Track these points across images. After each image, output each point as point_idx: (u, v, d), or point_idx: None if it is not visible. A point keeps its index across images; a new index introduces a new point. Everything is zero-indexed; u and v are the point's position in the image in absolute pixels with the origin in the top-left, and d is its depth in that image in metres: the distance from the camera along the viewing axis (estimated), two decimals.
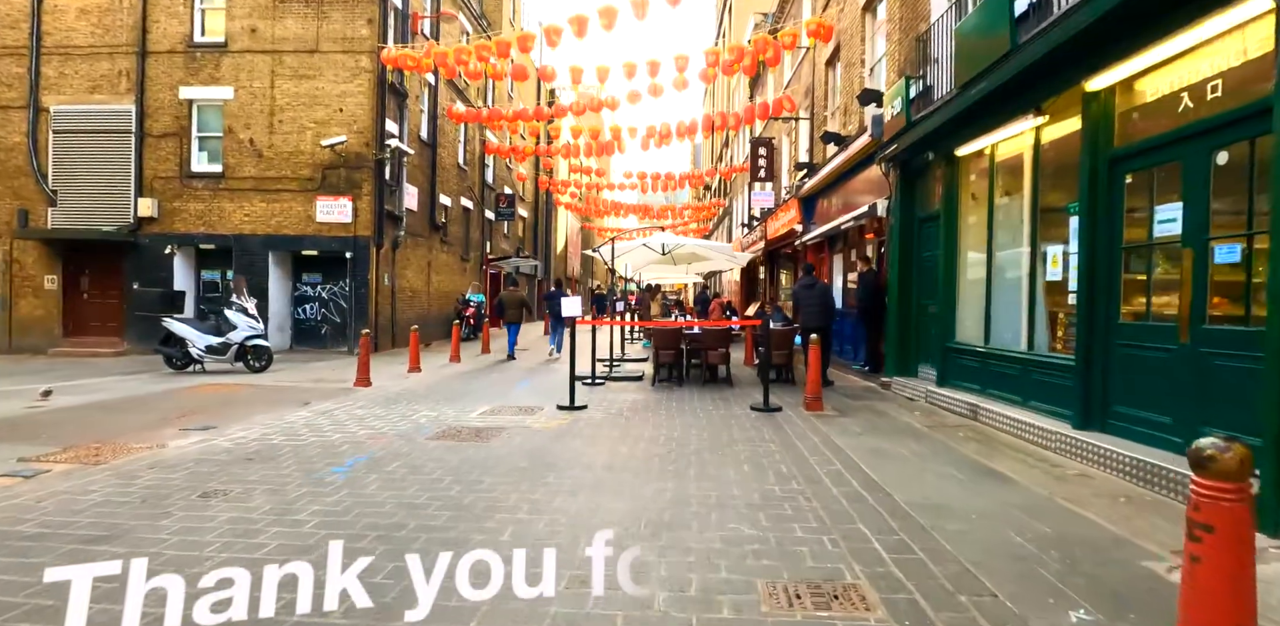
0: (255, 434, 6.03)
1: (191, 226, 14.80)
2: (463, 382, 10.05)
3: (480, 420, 6.84)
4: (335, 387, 9.32)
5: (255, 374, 10.88)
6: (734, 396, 8.59)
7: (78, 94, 15.11)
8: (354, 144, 14.46)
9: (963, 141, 7.23)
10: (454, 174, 20.34)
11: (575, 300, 7.88)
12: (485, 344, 15.79)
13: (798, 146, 17.14)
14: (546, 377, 10.51)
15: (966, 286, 7.66)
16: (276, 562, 1.99)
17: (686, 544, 3.36)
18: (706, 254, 12.65)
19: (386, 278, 15.32)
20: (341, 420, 6.75)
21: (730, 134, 31.79)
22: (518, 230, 29.68)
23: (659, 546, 3.33)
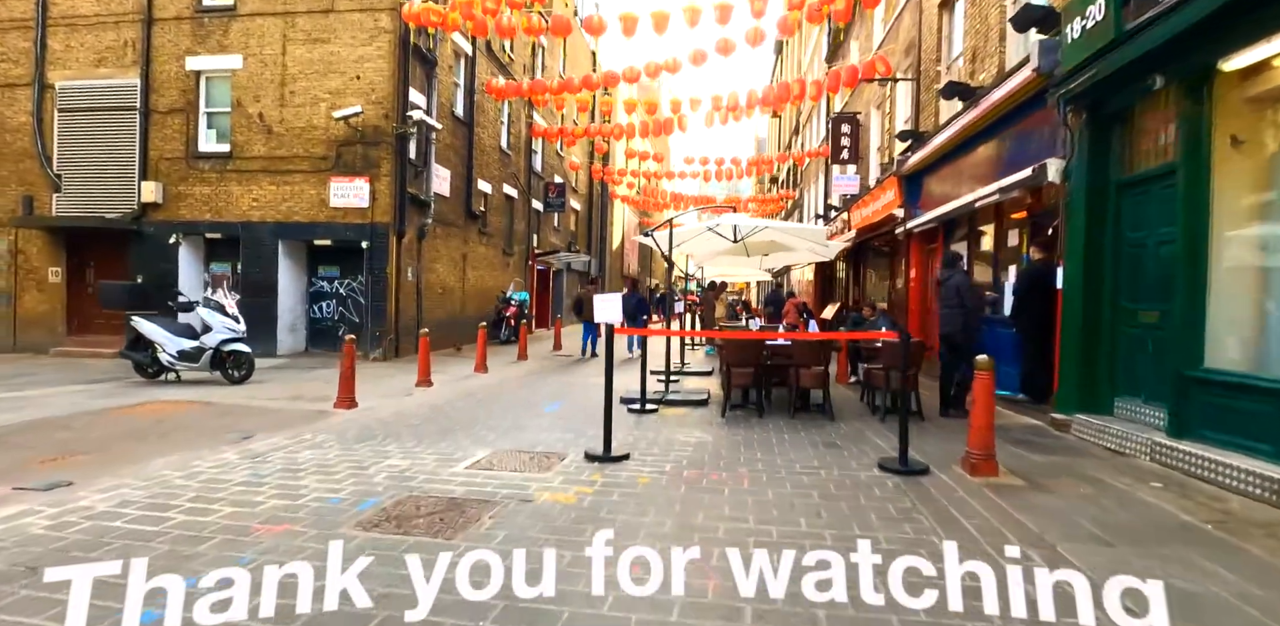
0: (106, 503, 3.86)
1: (197, 213, 13.15)
2: (477, 403, 7.81)
3: (465, 480, 4.51)
4: (307, 410, 7.21)
5: (234, 385, 8.95)
6: (843, 438, 6.01)
7: (83, 68, 13.70)
8: (371, 116, 12.49)
9: (1239, 45, 4.46)
10: (495, 158, 18.29)
11: (613, 298, 5.49)
12: (522, 349, 13.60)
13: (893, 118, 14.30)
14: (585, 395, 8.17)
15: (1226, 281, 4.88)
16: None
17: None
18: (789, 242, 10.03)
19: (410, 271, 13.32)
20: (262, 475, 4.53)
21: (800, 121, 28.86)
22: (569, 223, 27.58)
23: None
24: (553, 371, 11.75)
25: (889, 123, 14.56)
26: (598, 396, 5.35)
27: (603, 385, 5.24)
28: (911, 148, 11.73)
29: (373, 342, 12.42)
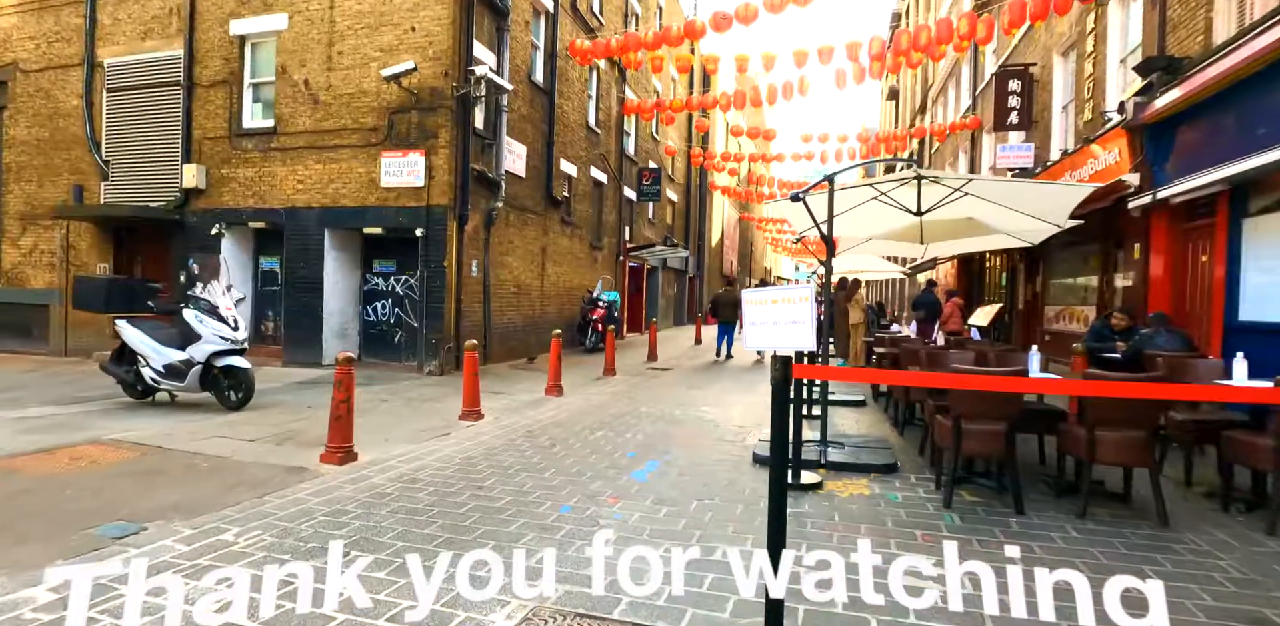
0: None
1: (240, 199, 11.39)
2: (532, 457, 5.16)
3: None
4: (278, 466, 4.79)
5: (230, 411, 6.78)
6: (1239, 582, 2.91)
7: (131, 41, 12.31)
8: (428, 75, 10.23)
9: None
10: (581, 136, 15.82)
11: (796, 310, 2.72)
12: (609, 363, 10.95)
13: (1101, 58, 10.64)
14: (695, 441, 5.38)
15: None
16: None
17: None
18: (995, 218, 6.72)
19: (475, 265, 10.99)
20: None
21: (931, 94, 24.78)
22: (665, 216, 24.88)
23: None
24: (647, 394, 9.04)
25: (1094, 66, 10.87)
26: (713, 446, 2.67)
27: (718, 422, 2.71)
28: (1156, 86, 8.17)
29: (426, 353, 10.14)
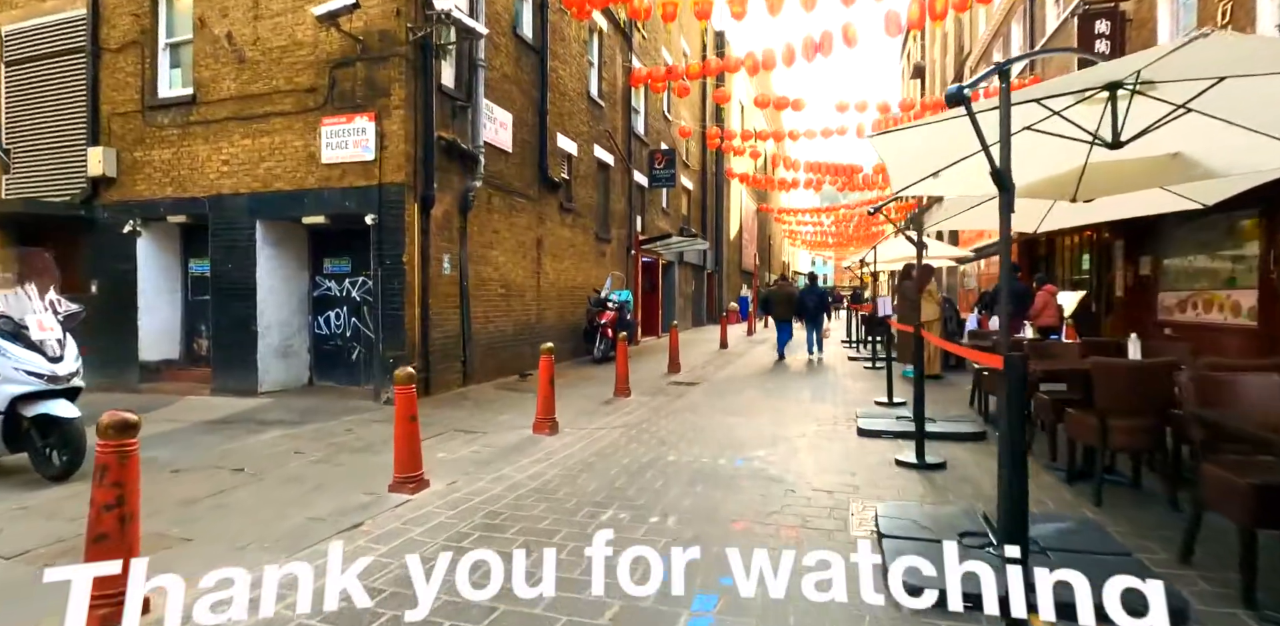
0: None
1: (157, 188, 9.14)
2: (485, 573, 2.64)
3: None
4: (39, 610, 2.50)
5: (50, 483, 4.51)
6: None
7: (30, 2, 10.15)
8: (375, 15, 7.92)
9: None
10: (582, 108, 13.46)
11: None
12: (621, 379, 8.57)
13: None
14: (765, 506, 3.01)
15: None
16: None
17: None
18: (1217, 160, 4.25)
19: (447, 261, 8.67)
20: None
21: (968, 70, 22.13)
22: (680, 205, 22.48)
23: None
24: (673, 426, 6.67)
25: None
26: (800, 540, 2.08)
27: (790, 483, 2.65)
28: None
29: (382, 376, 7.79)
